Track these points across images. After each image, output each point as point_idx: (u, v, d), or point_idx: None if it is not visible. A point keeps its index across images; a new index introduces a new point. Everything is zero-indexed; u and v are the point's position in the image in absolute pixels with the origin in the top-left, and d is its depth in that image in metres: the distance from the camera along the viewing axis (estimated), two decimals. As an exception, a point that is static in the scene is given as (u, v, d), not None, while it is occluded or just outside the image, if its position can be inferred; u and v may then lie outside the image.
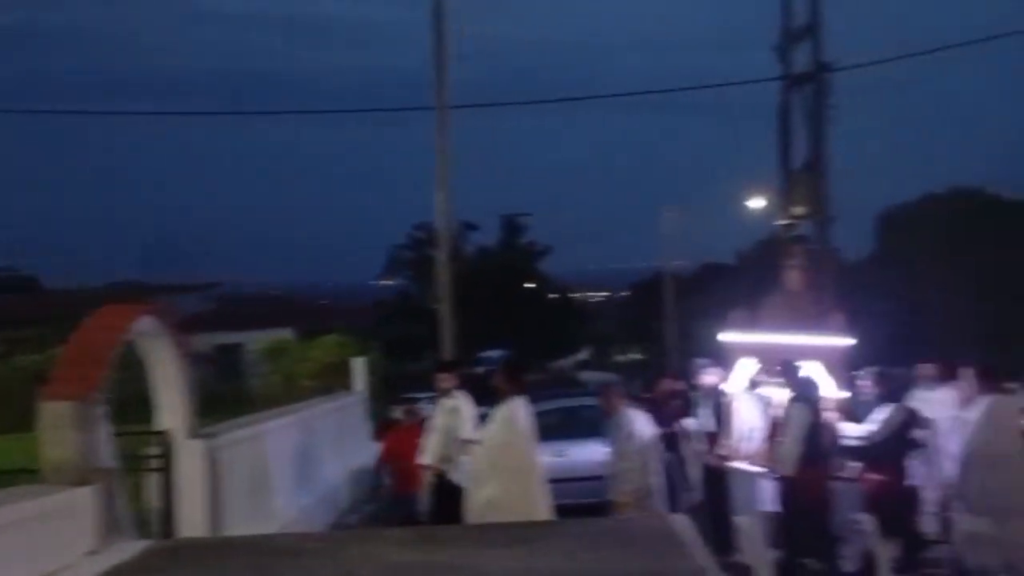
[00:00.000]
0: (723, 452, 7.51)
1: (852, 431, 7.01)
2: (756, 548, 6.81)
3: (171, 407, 6.94)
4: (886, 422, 6.82)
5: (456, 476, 6.84)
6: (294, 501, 8.60)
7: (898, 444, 6.81)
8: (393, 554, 5.03)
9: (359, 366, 14.97)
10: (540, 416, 10.52)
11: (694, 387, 8.17)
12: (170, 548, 5.38)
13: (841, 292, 15.92)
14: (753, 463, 7.07)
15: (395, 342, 36.01)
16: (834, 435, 7.03)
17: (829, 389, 7.14)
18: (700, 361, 8.38)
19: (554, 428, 9.99)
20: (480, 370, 34.05)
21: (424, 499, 7.57)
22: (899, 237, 29.61)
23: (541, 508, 5.85)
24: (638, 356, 41.96)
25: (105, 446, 5.51)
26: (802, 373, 6.94)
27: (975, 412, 6.49)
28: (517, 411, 5.78)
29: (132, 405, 7.01)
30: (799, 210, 16.39)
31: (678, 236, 34.48)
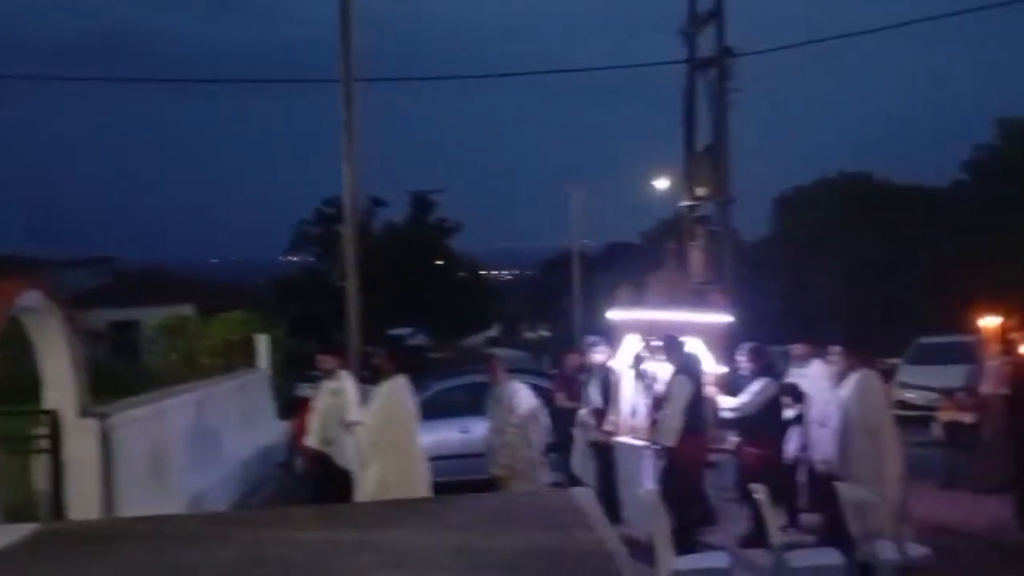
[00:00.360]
0: (609, 428, 7.67)
1: (727, 404, 7.27)
2: (642, 521, 7.01)
3: (60, 385, 6.66)
4: (757, 395, 7.10)
5: (340, 458, 6.76)
6: (195, 481, 8.39)
7: (772, 418, 7.09)
8: (298, 533, 4.97)
9: (263, 344, 14.65)
10: (448, 393, 10.59)
11: (584, 365, 8.32)
12: (58, 532, 5.18)
13: (736, 271, 16.49)
14: (637, 437, 7.25)
15: (301, 320, 35.31)
16: (714, 408, 7.30)
17: (709, 364, 7.40)
18: (589, 339, 8.53)
19: (461, 405, 10.03)
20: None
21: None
22: (793, 219, 30.81)
23: (422, 486, 5.90)
24: (546, 333, 42.44)
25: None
26: (682, 347, 7.13)
27: (846, 388, 6.78)
28: (398, 390, 5.78)
29: (20, 384, 6.70)
30: (701, 191, 16.86)
31: (586, 216, 34.89)
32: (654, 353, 7.26)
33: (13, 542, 4.83)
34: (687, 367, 6.88)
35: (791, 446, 7.33)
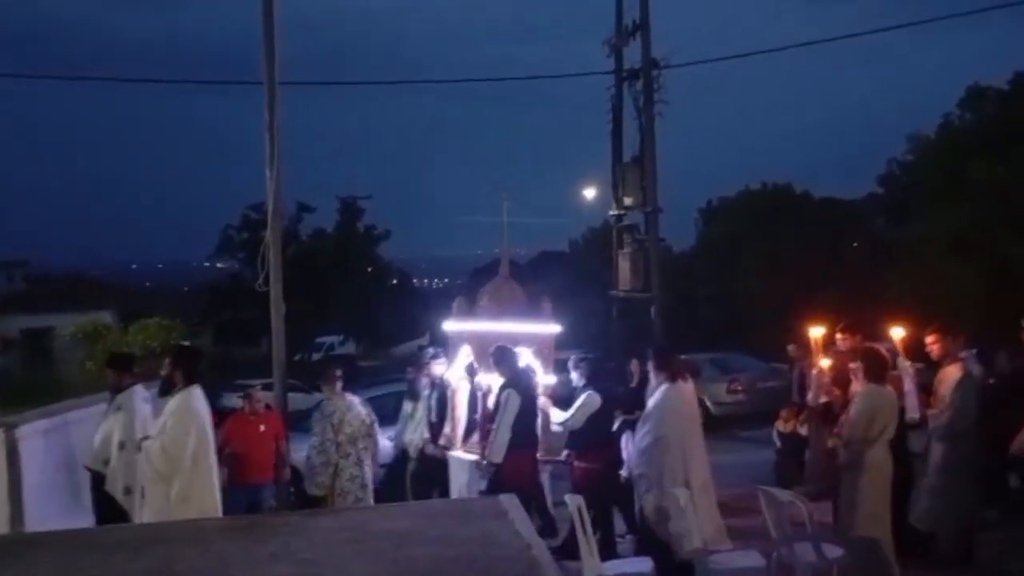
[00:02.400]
0: (443, 442, 7.67)
1: (556, 418, 7.34)
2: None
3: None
4: (580, 409, 7.21)
5: (109, 484, 6.36)
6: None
7: (598, 429, 7.20)
8: (213, 545, 4.85)
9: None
10: (375, 401, 10.50)
11: (425, 377, 8.32)
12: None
13: (663, 279, 16.75)
14: (469, 451, 7.25)
15: (226, 326, 34.57)
16: (546, 421, 7.36)
17: (538, 375, 7.47)
18: (429, 351, 8.55)
19: (389, 413, 9.98)
20: (318, 356, 33.39)
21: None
22: (717, 228, 31.58)
23: (215, 501, 5.73)
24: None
25: None
26: (515, 361, 7.12)
27: (653, 397, 6.92)
28: (191, 402, 5.60)
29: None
30: (629, 200, 17.13)
31: (516, 224, 35.01)
32: (484, 364, 7.24)
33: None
34: (516, 380, 6.86)
35: (625, 455, 7.43)
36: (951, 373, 7.18)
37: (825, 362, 7.56)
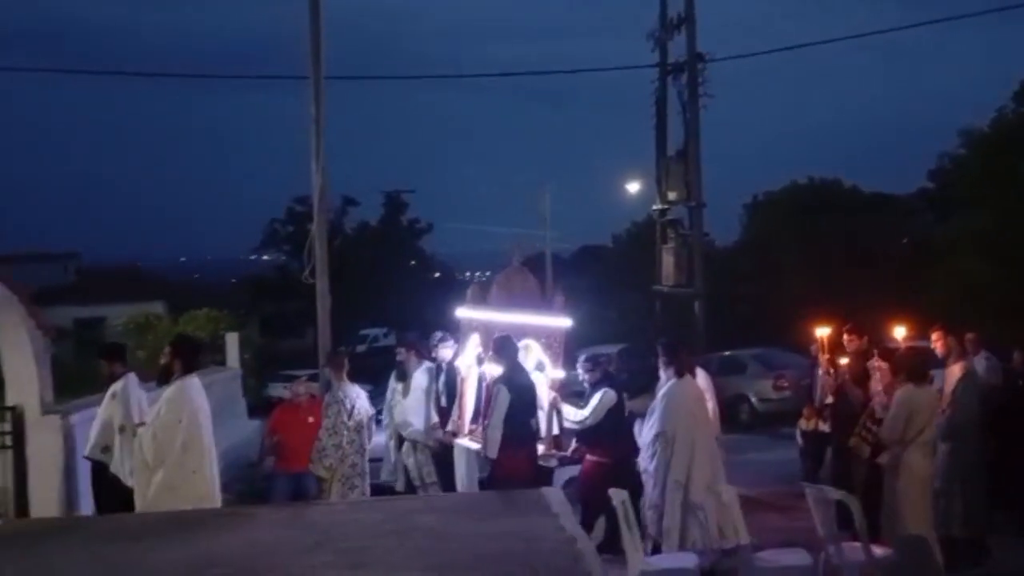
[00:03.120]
0: (451, 428, 7.60)
1: (569, 415, 7.21)
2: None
3: (22, 382, 6.56)
4: (597, 407, 7.10)
5: (114, 466, 6.32)
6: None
7: (611, 426, 7.08)
8: (258, 533, 4.92)
9: (233, 342, 14.51)
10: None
11: (433, 359, 8.29)
12: (20, 529, 5.08)
13: (707, 275, 16.59)
14: (474, 440, 7.14)
15: (272, 318, 35.04)
16: (556, 415, 7.23)
17: (547, 368, 7.35)
18: (436, 334, 8.46)
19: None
20: (362, 348, 33.74)
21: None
22: (763, 224, 31.13)
23: (212, 490, 5.66)
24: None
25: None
26: (514, 354, 6.97)
27: (659, 394, 6.81)
28: (186, 391, 5.58)
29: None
30: (673, 195, 16.99)
31: (559, 218, 34.97)
32: (488, 354, 7.12)
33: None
34: (510, 374, 6.71)
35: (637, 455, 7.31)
36: (954, 372, 7.18)
37: (843, 360, 7.48)
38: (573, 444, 7.29)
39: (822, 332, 7.70)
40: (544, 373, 7.18)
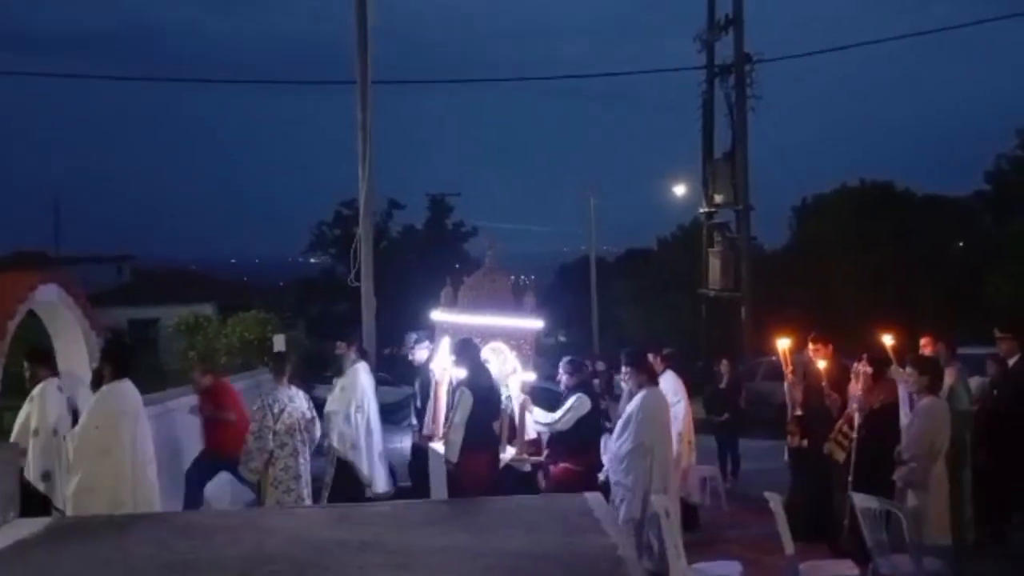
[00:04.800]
0: (427, 432, 7.51)
1: (540, 419, 7.10)
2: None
3: (77, 380, 6.73)
4: (570, 412, 6.96)
5: (26, 470, 6.12)
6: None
7: (583, 432, 6.93)
8: (308, 532, 4.99)
9: (280, 343, 14.70)
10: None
11: (410, 362, 8.19)
12: (73, 525, 5.22)
13: (754, 278, 16.39)
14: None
15: (319, 320, 35.49)
16: (524, 421, 7.12)
17: (517, 371, 7.23)
18: (412, 336, 8.35)
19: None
20: (400, 350, 33.97)
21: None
22: (812, 227, 30.62)
23: (136, 494, 5.59)
24: (563, 339, 42.42)
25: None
26: (476, 356, 6.86)
27: (632, 403, 6.69)
28: (108, 396, 5.55)
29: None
30: (720, 198, 16.83)
31: (604, 221, 34.89)
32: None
33: (32, 534, 4.88)
34: (473, 377, 6.61)
35: (605, 459, 7.18)
36: (945, 378, 6.87)
37: (821, 364, 7.33)
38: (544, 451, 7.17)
39: (783, 344, 7.58)
40: (515, 376, 7.10)
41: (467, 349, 6.68)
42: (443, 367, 7.26)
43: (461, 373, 6.63)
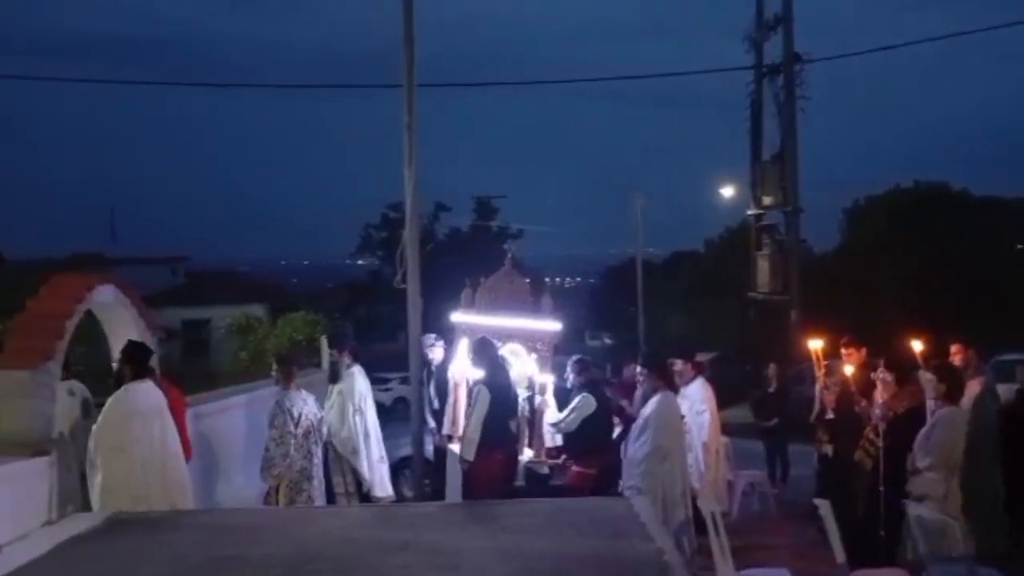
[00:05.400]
0: (446, 432, 7.45)
1: (549, 418, 7.02)
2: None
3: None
4: (575, 411, 6.85)
5: None
6: (257, 476, 8.57)
7: (594, 434, 6.81)
8: (353, 531, 5.04)
9: (327, 344, 14.89)
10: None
11: (425, 363, 8.15)
12: (127, 520, 5.35)
13: (803, 282, 16.13)
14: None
15: (366, 321, 35.84)
16: (538, 420, 7.03)
17: (533, 373, 7.15)
18: (427, 336, 8.31)
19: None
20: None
21: None
22: (863, 230, 30.02)
23: (152, 491, 5.61)
24: (609, 341, 42.22)
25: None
26: (494, 355, 6.79)
27: (647, 408, 6.60)
28: (121, 398, 5.61)
29: (94, 376, 6.94)
30: (768, 200, 16.60)
31: (650, 223, 34.64)
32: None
33: (87, 528, 5.02)
34: (490, 376, 6.54)
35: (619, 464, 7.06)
36: (972, 388, 6.78)
37: (848, 369, 7.15)
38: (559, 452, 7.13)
39: (815, 345, 7.40)
40: (535, 377, 7.07)
41: (484, 348, 6.72)
42: (462, 368, 7.28)
43: (479, 373, 6.67)
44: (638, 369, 6.98)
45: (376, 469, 7.46)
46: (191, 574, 4.24)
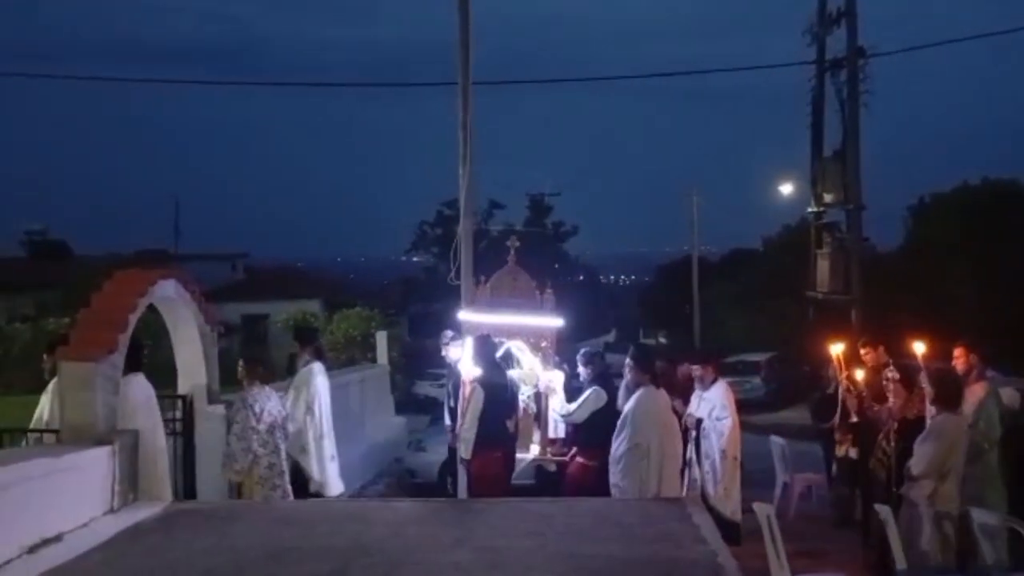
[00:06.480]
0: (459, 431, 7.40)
1: (557, 408, 6.93)
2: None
3: (192, 372, 7.03)
4: (584, 404, 6.75)
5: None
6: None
7: (601, 428, 6.67)
8: (404, 527, 5.07)
9: (383, 340, 15.05)
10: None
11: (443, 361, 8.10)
12: (186, 511, 5.46)
13: (865, 282, 15.73)
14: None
15: (420, 318, 36.17)
16: (545, 415, 6.95)
17: (537, 368, 7.06)
18: (446, 333, 8.23)
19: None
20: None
21: None
22: (930, 228, 29.15)
23: (145, 483, 5.66)
24: (664, 340, 41.83)
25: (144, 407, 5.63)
26: (491, 353, 6.70)
27: (629, 403, 6.47)
28: (128, 389, 5.65)
29: (158, 369, 7.10)
30: (829, 197, 16.22)
31: (706, 221, 34.19)
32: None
33: (147, 517, 5.14)
34: (485, 375, 6.44)
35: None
36: (975, 391, 6.54)
37: (859, 373, 6.94)
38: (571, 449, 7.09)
39: (837, 348, 7.16)
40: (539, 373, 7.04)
41: (482, 346, 6.74)
42: (466, 367, 7.31)
43: (475, 370, 6.69)
44: (627, 360, 6.88)
45: (327, 469, 7.37)
46: (249, 566, 4.30)
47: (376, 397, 13.07)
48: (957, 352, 6.89)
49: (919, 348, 6.53)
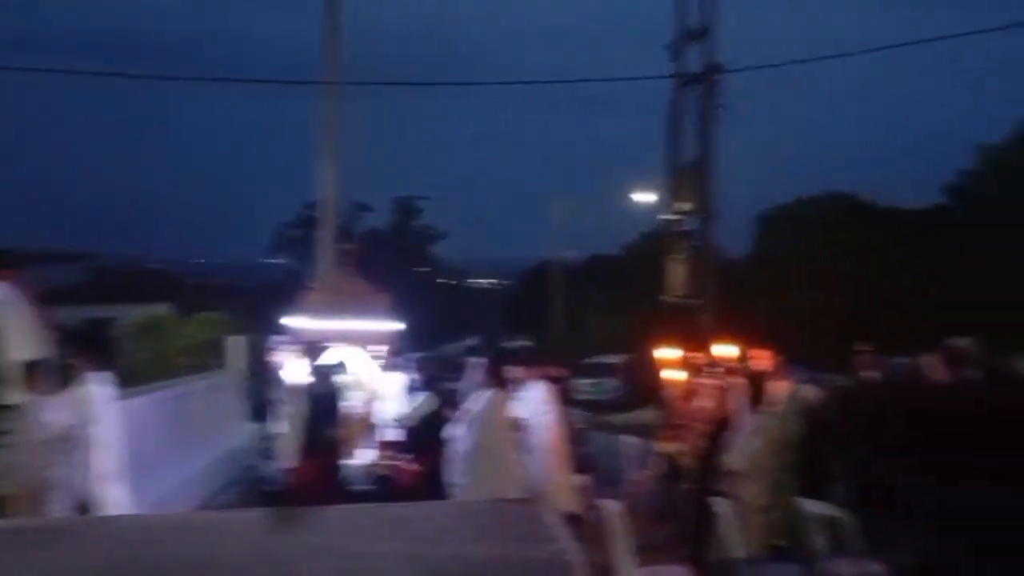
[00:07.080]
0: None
1: (389, 412, 7.09)
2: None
3: (24, 381, 6.58)
4: (415, 409, 6.98)
5: None
6: (159, 481, 8.30)
7: (431, 433, 6.93)
8: (258, 537, 4.90)
9: (236, 345, 14.56)
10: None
11: (268, 365, 8.17)
12: (16, 529, 5.08)
13: (718, 288, 16.51)
14: None
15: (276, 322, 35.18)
16: (370, 421, 7.09)
17: (369, 373, 7.22)
18: (274, 338, 8.35)
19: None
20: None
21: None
22: (774, 237, 30.98)
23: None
24: (526, 344, 42.38)
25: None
26: (316, 362, 6.85)
27: (475, 405, 6.77)
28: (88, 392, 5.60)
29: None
30: (684, 206, 16.93)
31: (567, 227, 34.99)
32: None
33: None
34: (310, 384, 6.62)
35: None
36: (781, 388, 6.97)
37: (678, 375, 7.38)
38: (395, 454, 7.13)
39: (661, 354, 7.65)
40: (370, 379, 7.08)
41: (309, 355, 6.71)
42: (291, 374, 7.22)
43: (300, 378, 6.64)
44: (480, 367, 6.99)
45: (107, 486, 7.13)
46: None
47: (226, 404, 12.64)
48: (753, 353, 7.30)
49: (727, 350, 6.89)
